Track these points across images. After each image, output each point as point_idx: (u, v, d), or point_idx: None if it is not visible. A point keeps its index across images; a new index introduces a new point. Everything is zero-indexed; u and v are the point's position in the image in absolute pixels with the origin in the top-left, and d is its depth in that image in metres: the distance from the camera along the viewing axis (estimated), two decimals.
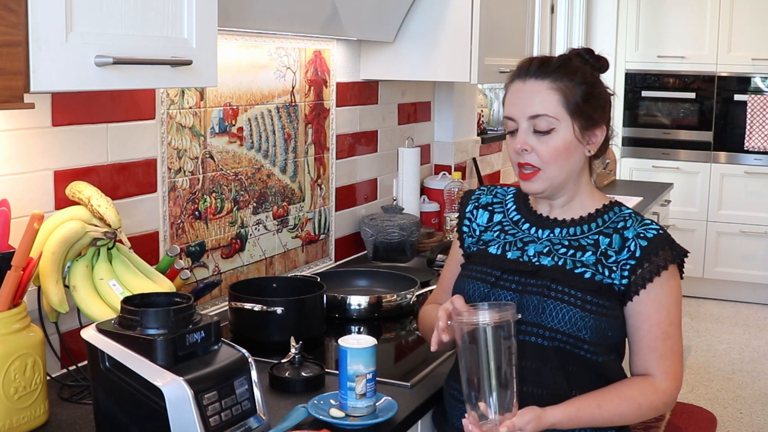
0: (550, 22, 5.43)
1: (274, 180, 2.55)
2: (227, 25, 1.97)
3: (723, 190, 5.99)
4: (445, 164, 3.62)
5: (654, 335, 1.64)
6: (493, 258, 1.73)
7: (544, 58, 1.69)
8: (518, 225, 1.76)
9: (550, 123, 1.64)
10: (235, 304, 2.07)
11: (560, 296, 1.62)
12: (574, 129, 1.65)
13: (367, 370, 1.61)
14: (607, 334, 1.63)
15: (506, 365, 1.53)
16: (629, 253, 1.64)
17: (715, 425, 4.12)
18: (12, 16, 1.26)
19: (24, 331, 1.55)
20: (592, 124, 1.67)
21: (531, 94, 1.66)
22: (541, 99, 1.65)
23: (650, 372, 1.65)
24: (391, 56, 2.93)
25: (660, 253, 1.63)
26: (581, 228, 1.70)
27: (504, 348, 1.53)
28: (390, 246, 2.90)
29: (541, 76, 1.65)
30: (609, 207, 1.73)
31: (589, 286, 1.63)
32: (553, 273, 1.65)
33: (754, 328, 5.55)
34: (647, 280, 1.62)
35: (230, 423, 1.47)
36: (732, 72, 5.91)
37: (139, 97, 2.02)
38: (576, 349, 1.62)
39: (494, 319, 1.52)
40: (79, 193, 1.76)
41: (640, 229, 1.66)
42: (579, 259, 1.66)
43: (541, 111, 1.64)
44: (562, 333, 1.61)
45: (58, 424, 1.61)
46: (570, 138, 1.65)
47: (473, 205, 1.84)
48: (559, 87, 1.64)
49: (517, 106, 1.68)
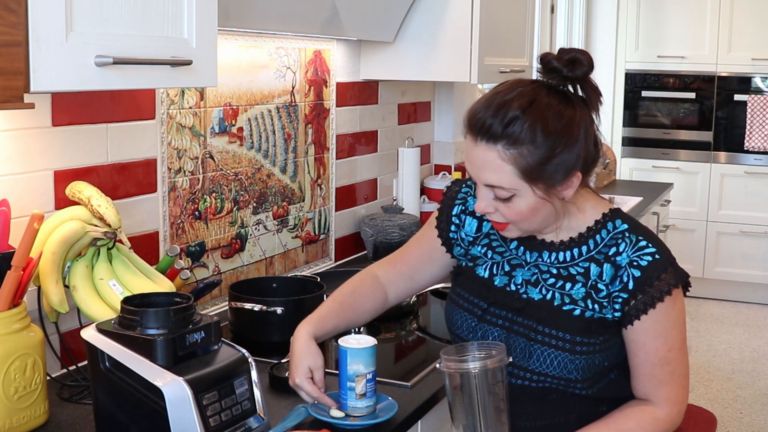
0: (550, 22, 5.43)
1: (274, 180, 2.55)
2: (227, 25, 1.97)
3: (723, 190, 5.99)
4: (445, 164, 3.62)
5: (651, 362, 1.56)
6: (481, 283, 1.66)
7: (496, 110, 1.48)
8: (506, 242, 1.66)
9: (508, 191, 1.51)
10: (235, 304, 2.07)
11: (547, 340, 1.55)
12: (535, 192, 1.50)
13: (367, 370, 1.61)
14: (603, 365, 1.57)
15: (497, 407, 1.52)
16: (621, 284, 1.54)
17: (715, 425, 4.10)
18: (12, 16, 1.26)
19: (24, 331, 1.55)
20: (559, 180, 1.51)
21: (483, 162, 1.50)
22: (493, 169, 1.49)
23: (649, 398, 1.58)
24: (391, 56, 2.93)
25: (655, 284, 1.52)
26: (571, 253, 1.59)
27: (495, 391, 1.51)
28: (390, 246, 2.90)
29: (491, 140, 1.48)
30: (602, 223, 1.60)
31: (578, 326, 1.55)
32: (540, 311, 1.58)
33: (754, 328, 5.55)
34: (641, 311, 1.53)
35: (230, 423, 1.47)
36: (732, 72, 5.90)
37: (139, 97, 2.02)
38: (569, 388, 1.58)
39: (484, 366, 1.50)
40: (79, 193, 1.76)
41: (634, 256, 1.53)
42: (567, 293, 1.57)
43: (496, 183, 1.50)
44: (551, 377, 1.56)
45: (58, 424, 1.61)
46: (533, 200, 1.51)
47: (460, 208, 1.73)
48: (512, 156, 1.47)
49: (471, 169, 1.55)
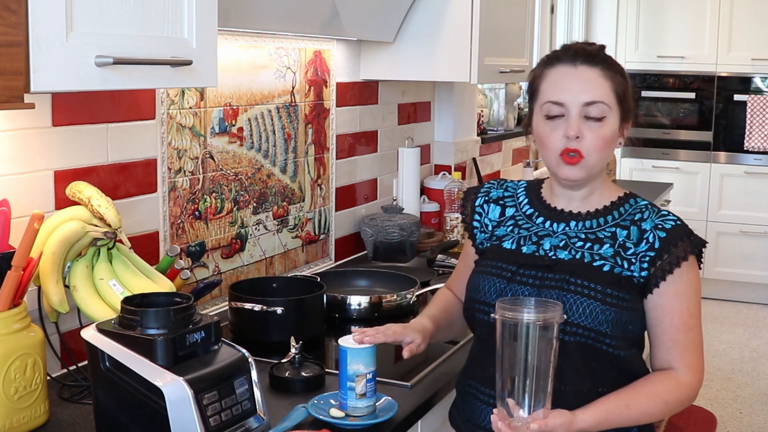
0: (550, 22, 5.43)
1: (274, 180, 2.55)
2: (227, 25, 1.97)
3: (723, 190, 5.99)
4: (445, 164, 3.62)
5: (676, 327, 1.61)
6: (508, 253, 1.70)
7: (587, 45, 1.67)
8: (532, 219, 1.73)
9: (602, 110, 1.62)
10: (235, 304, 2.07)
11: (580, 290, 1.60)
12: (618, 119, 1.65)
13: (367, 370, 1.61)
14: (627, 328, 1.60)
15: (545, 366, 1.49)
16: (648, 244, 1.61)
17: (715, 425, 4.12)
18: (12, 16, 1.26)
19: (24, 331, 1.55)
20: (627, 116, 1.68)
21: (585, 81, 1.63)
22: (596, 86, 1.62)
23: (673, 366, 1.62)
24: (391, 56, 2.93)
25: (679, 244, 1.61)
26: (597, 221, 1.68)
27: (546, 349, 1.48)
28: (390, 246, 2.90)
29: (591, 63, 1.63)
30: (624, 199, 1.71)
31: (608, 279, 1.60)
32: (571, 266, 1.63)
33: (754, 328, 5.56)
34: (667, 271, 1.60)
35: (230, 423, 1.47)
36: (732, 72, 5.91)
37: (139, 97, 2.02)
38: (598, 343, 1.59)
39: (539, 319, 1.48)
40: (80, 193, 1.76)
41: (658, 220, 1.63)
42: (597, 252, 1.64)
43: (597, 98, 1.62)
44: (583, 327, 1.59)
45: (58, 424, 1.61)
46: (615, 128, 1.65)
47: (483, 199, 1.80)
48: (609, 75, 1.63)
49: (569, 92, 1.63)
